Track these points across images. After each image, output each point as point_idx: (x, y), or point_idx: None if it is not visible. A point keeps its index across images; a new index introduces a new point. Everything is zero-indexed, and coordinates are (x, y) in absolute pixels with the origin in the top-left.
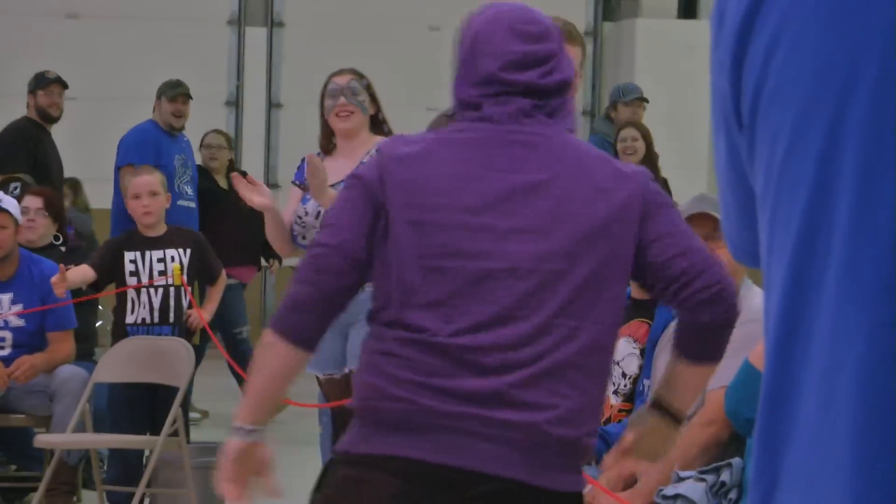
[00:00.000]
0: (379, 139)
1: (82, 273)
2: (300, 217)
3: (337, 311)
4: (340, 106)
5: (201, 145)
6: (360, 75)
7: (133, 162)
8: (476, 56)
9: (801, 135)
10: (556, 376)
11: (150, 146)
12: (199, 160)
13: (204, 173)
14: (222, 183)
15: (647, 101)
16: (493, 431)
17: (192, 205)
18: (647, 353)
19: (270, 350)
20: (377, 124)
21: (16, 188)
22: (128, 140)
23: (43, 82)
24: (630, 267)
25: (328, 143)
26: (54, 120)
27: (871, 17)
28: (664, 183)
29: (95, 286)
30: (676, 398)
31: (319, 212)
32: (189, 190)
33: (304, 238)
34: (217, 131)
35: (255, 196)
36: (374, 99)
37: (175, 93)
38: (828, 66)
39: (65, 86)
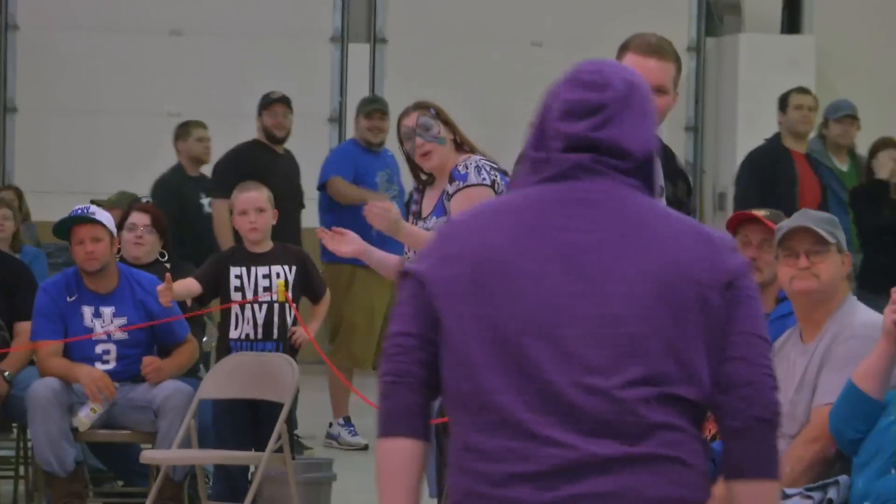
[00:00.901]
0: (464, 156)
1: (187, 286)
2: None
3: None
4: (418, 147)
5: None
6: (425, 107)
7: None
8: (543, 110)
9: None
10: None
11: (349, 164)
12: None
13: None
14: None
15: (857, 118)
16: None
17: None
18: None
19: (386, 457)
20: (459, 145)
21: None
22: (329, 159)
23: (267, 102)
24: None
25: (420, 178)
26: (280, 140)
27: None
28: None
29: (200, 300)
30: None
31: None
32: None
33: None
34: None
35: (342, 247)
36: (448, 123)
37: (370, 109)
38: None
39: (290, 104)
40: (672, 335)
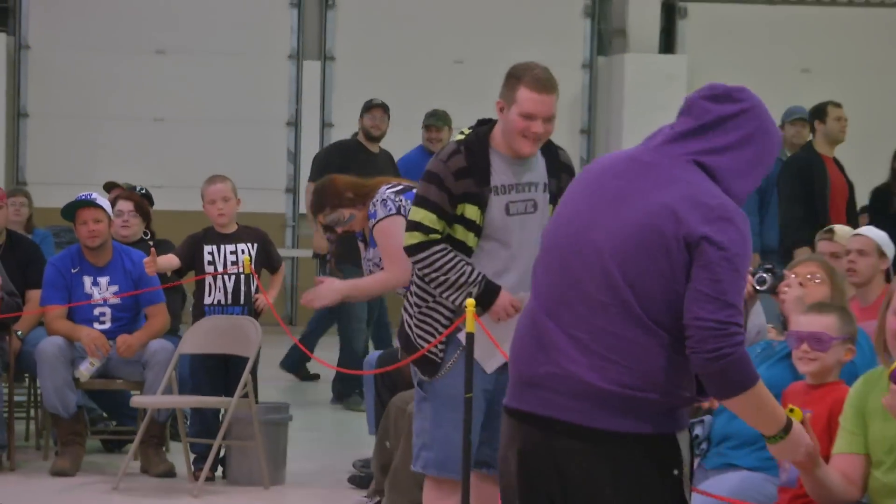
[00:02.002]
0: (372, 197)
1: (168, 260)
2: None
3: None
4: (343, 232)
5: None
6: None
7: None
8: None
9: None
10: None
11: (415, 169)
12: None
13: None
14: None
15: (806, 120)
16: None
17: None
18: None
19: None
20: (361, 198)
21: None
22: (399, 165)
23: (368, 106)
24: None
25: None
26: (376, 139)
27: None
28: None
29: (179, 273)
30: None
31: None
32: None
33: None
34: None
35: (316, 303)
36: (342, 199)
37: (431, 122)
38: None
39: (387, 110)
40: (634, 269)
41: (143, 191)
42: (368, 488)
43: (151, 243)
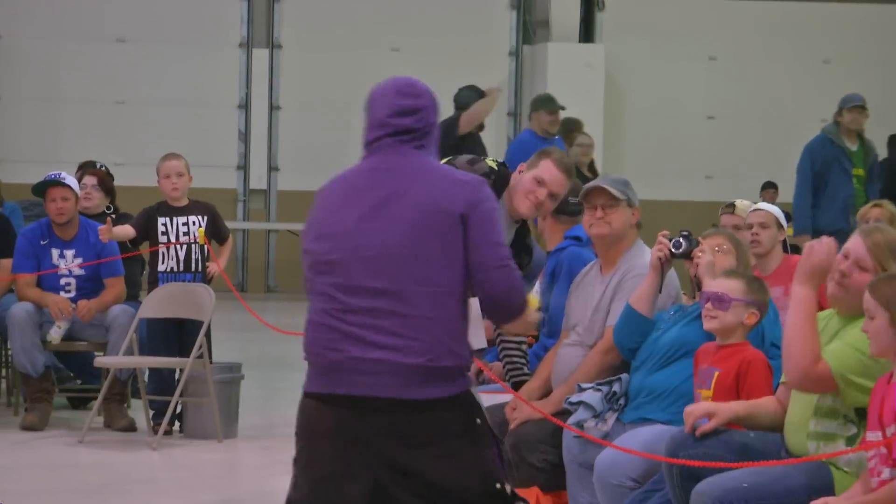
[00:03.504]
0: None
1: (124, 230)
2: None
3: None
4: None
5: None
6: None
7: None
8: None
9: None
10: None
11: (529, 151)
12: None
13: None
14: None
15: (866, 108)
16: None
17: None
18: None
19: None
20: None
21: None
22: (513, 149)
23: (541, 104)
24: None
25: None
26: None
27: None
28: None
29: (134, 242)
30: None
31: None
32: None
33: None
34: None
35: None
36: None
37: (552, 106)
38: None
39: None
40: (420, 249)
41: (104, 168)
42: None
43: (111, 215)
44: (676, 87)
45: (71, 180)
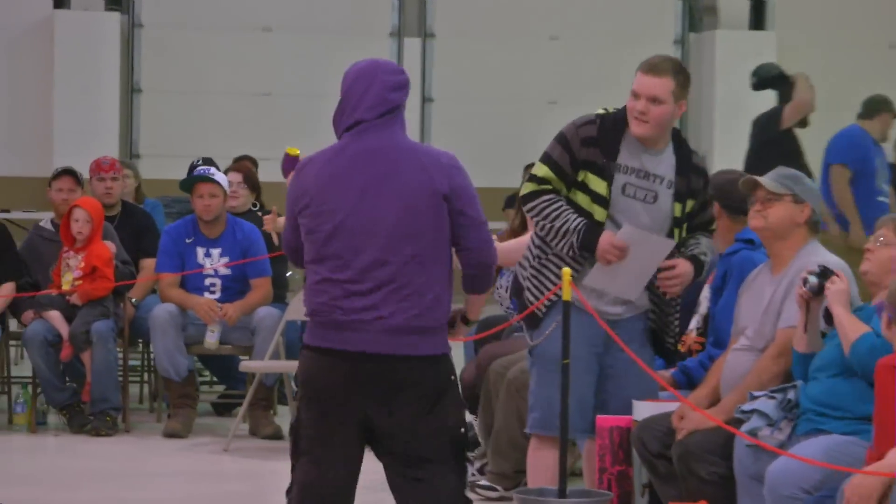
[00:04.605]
0: None
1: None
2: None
3: None
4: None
5: None
6: None
7: (845, 162)
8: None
9: None
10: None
11: (860, 149)
12: None
13: None
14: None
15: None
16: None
17: (886, 200)
18: (712, 297)
19: None
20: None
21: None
22: (839, 143)
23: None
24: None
25: None
26: None
27: None
28: None
29: None
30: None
31: None
32: (884, 187)
33: None
34: None
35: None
36: None
37: (885, 108)
38: None
39: None
40: (412, 227)
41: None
42: (474, 452)
43: (260, 213)
44: (851, 77)
45: (220, 176)
